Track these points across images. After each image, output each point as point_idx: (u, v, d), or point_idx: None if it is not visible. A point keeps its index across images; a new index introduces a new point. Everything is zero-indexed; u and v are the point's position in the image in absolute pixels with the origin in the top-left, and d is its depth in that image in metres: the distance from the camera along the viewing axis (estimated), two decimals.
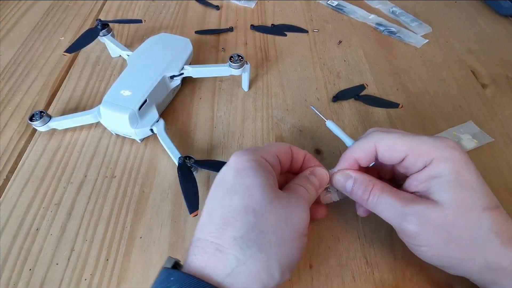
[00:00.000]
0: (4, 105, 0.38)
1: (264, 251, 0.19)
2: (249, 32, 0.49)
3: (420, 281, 0.26)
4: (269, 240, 0.20)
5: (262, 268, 0.19)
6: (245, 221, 0.19)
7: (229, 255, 0.19)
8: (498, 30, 0.51)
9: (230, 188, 0.21)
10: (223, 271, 0.19)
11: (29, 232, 0.28)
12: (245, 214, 0.20)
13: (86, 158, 0.34)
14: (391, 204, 0.23)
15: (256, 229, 0.19)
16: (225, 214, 0.20)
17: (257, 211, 0.20)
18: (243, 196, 0.20)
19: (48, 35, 0.47)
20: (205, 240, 0.20)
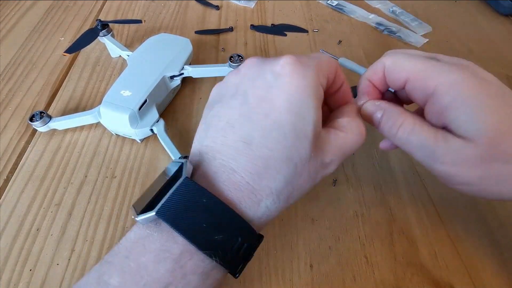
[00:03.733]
0: (4, 106, 0.38)
1: (287, 203, 0.20)
2: (249, 32, 0.49)
3: (420, 281, 0.26)
4: (294, 195, 0.20)
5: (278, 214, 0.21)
6: (285, 175, 0.19)
7: (262, 202, 0.19)
8: (498, 29, 0.51)
9: (277, 124, 0.18)
10: (253, 213, 0.19)
11: (30, 233, 0.28)
12: (287, 167, 0.19)
13: (86, 158, 0.34)
14: (422, 143, 0.20)
15: (290, 184, 0.19)
16: (267, 157, 0.18)
17: (297, 167, 0.19)
18: (290, 144, 0.18)
19: (48, 35, 0.47)
20: (241, 177, 0.19)
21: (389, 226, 0.29)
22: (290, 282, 0.26)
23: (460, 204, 0.31)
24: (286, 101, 0.18)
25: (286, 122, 0.18)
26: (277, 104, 0.18)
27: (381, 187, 0.32)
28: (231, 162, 0.19)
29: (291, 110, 0.18)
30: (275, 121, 0.18)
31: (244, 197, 0.19)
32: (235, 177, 0.19)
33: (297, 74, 0.19)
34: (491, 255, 0.28)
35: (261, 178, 0.19)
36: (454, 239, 0.29)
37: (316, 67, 0.19)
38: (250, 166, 0.18)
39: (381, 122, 0.22)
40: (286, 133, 0.18)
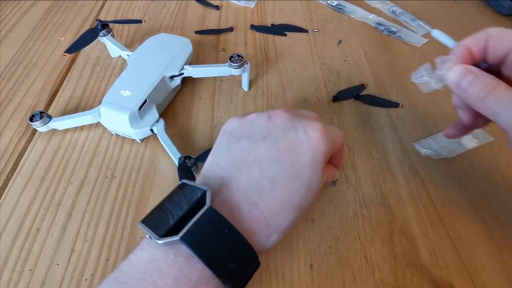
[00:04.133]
0: (4, 106, 0.38)
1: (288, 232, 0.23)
2: (249, 32, 0.49)
3: (420, 281, 0.26)
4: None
5: None
6: (293, 217, 0.22)
7: (272, 236, 0.21)
8: None
9: (300, 175, 0.21)
10: (263, 246, 0.21)
11: (30, 233, 0.28)
12: (297, 211, 0.22)
13: (86, 158, 0.34)
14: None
15: (293, 226, 0.22)
16: (285, 201, 0.21)
17: (302, 212, 0.22)
18: (303, 195, 0.22)
19: (48, 35, 0.47)
20: (260, 212, 0.21)
21: (389, 226, 0.29)
22: (290, 282, 0.26)
23: (460, 204, 0.31)
24: (310, 159, 0.22)
25: (306, 176, 0.22)
26: (303, 159, 0.22)
27: (381, 187, 0.32)
28: (254, 196, 0.21)
29: (312, 167, 0.22)
30: (299, 173, 0.21)
31: (260, 231, 0.21)
32: (256, 211, 0.21)
33: (323, 142, 0.22)
34: (491, 255, 0.28)
35: (277, 217, 0.21)
36: (454, 239, 0.29)
37: (333, 140, 0.23)
38: (271, 204, 0.21)
39: (471, 85, 0.22)
40: (305, 185, 0.21)
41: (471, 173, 0.33)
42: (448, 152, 0.34)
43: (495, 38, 0.22)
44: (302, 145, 0.22)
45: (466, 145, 0.35)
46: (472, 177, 0.33)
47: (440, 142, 0.35)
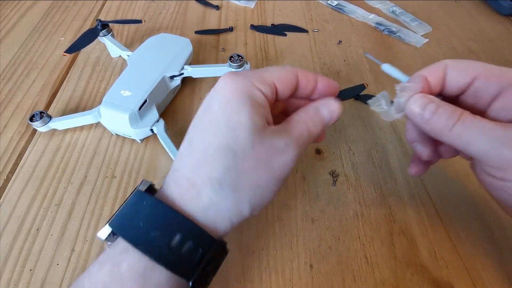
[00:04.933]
0: (5, 106, 0.38)
1: (236, 193, 0.20)
2: (249, 32, 0.49)
3: (420, 281, 0.26)
4: (243, 184, 0.20)
5: (233, 208, 0.20)
6: (223, 163, 0.19)
7: (203, 193, 0.19)
8: (498, 29, 0.51)
9: (213, 122, 0.20)
10: (195, 207, 0.19)
11: (30, 233, 0.28)
12: (225, 154, 0.19)
13: (86, 158, 0.34)
14: (489, 127, 0.19)
15: (232, 172, 0.19)
16: (204, 150, 0.20)
17: (237, 153, 0.19)
18: (226, 134, 0.19)
19: (48, 35, 0.47)
20: (182, 173, 0.20)
21: (389, 226, 0.29)
22: (290, 282, 0.26)
23: (460, 204, 0.31)
24: (220, 102, 0.20)
25: (220, 118, 0.20)
26: (213, 107, 0.20)
27: (381, 187, 0.32)
28: (176, 164, 0.21)
29: (225, 108, 0.20)
30: (211, 119, 0.20)
31: (185, 192, 0.20)
32: (177, 174, 0.20)
33: (229, 82, 0.20)
34: (491, 255, 0.28)
35: (198, 169, 0.20)
36: (454, 239, 0.29)
37: (253, 77, 0.21)
38: (189, 161, 0.20)
39: (436, 115, 0.20)
40: (221, 126, 0.20)
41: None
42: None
43: (455, 69, 0.22)
44: (211, 99, 0.21)
45: None
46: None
47: None
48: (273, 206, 0.30)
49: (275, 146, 0.20)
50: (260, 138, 0.20)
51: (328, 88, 0.24)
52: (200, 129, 0.21)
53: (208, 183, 0.19)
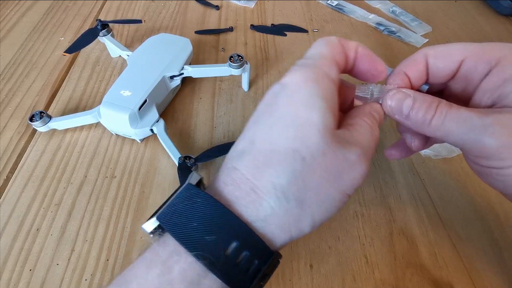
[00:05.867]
0: (4, 106, 0.38)
1: (300, 207, 0.17)
2: (249, 32, 0.49)
3: (420, 281, 0.26)
4: (309, 196, 0.17)
5: (295, 222, 0.17)
6: (290, 169, 0.17)
7: (264, 201, 0.17)
8: (498, 29, 0.51)
9: (281, 118, 0.17)
10: (254, 214, 0.17)
11: (30, 233, 0.28)
12: (292, 160, 0.17)
13: (86, 158, 0.34)
14: (465, 117, 0.18)
15: (299, 181, 0.17)
16: (269, 151, 0.17)
17: (306, 160, 0.17)
18: (294, 135, 0.17)
19: (48, 35, 0.47)
20: (241, 174, 0.17)
21: (389, 226, 0.29)
22: (290, 282, 0.26)
23: (460, 204, 0.31)
24: (287, 95, 0.18)
25: (287, 114, 0.17)
26: (280, 101, 0.18)
27: (381, 187, 0.32)
28: (234, 162, 0.18)
29: (293, 101, 0.17)
30: (278, 116, 0.17)
31: (244, 196, 0.17)
32: (235, 174, 0.18)
33: (298, 70, 0.18)
34: (491, 255, 0.28)
35: (262, 173, 0.17)
36: (454, 239, 0.29)
37: (318, 62, 0.19)
38: (251, 162, 0.17)
39: (413, 110, 0.20)
40: (288, 124, 0.17)
41: (471, 173, 0.33)
42: (447, 152, 0.34)
43: (436, 57, 0.21)
44: (278, 95, 0.18)
45: None
46: (472, 177, 0.33)
47: None
48: None
49: (348, 158, 0.17)
50: (333, 143, 0.17)
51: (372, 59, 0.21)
52: (264, 126, 0.18)
53: (271, 191, 0.17)
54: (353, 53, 0.21)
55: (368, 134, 0.19)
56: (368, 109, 0.21)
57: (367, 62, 0.21)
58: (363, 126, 0.19)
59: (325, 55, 0.19)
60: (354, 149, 0.18)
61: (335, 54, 0.19)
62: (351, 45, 0.21)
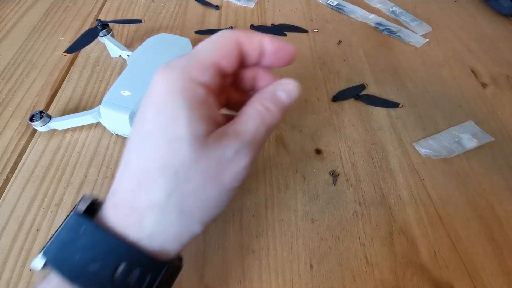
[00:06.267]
0: (4, 106, 0.38)
1: (183, 216, 0.17)
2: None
3: (420, 281, 0.26)
4: (190, 205, 0.17)
5: (181, 230, 0.18)
6: (165, 185, 0.17)
7: (145, 219, 0.17)
8: (498, 29, 0.51)
9: (148, 135, 0.17)
10: (138, 233, 0.17)
11: (29, 233, 0.28)
12: (165, 175, 0.17)
13: (86, 158, 0.34)
14: None
15: (177, 194, 0.17)
16: (141, 170, 0.17)
17: (178, 172, 0.16)
18: (163, 151, 0.17)
19: (48, 35, 0.47)
20: (121, 196, 0.18)
21: (389, 226, 0.29)
22: (290, 282, 0.26)
23: (460, 204, 0.31)
24: (153, 109, 0.17)
25: (155, 130, 0.17)
26: (147, 116, 0.17)
27: (381, 187, 0.32)
28: (115, 185, 0.18)
29: (159, 116, 0.17)
30: (146, 132, 0.17)
31: (126, 218, 0.17)
32: (116, 197, 0.18)
33: (162, 81, 0.17)
34: (491, 255, 0.28)
35: (139, 193, 0.17)
36: (454, 239, 0.29)
37: (189, 65, 0.18)
38: (128, 183, 0.17)
39: None
40: (157, 140, 0.17)
41: (471, 173, 0.33)
42: (448, 152, 0.34)
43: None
44: (145, 104, 0.18)
45: (466, 145, 0.35)
46: (472, 177, 0.33)
47: (440, 142, 0.35)
48: (273, 206, 0.30)
49: (224, 156, 0.17)
50: (204, 149, 0.17)
51: (280, 51, 0.20)
52: (136, 145, 0.18)
53: (151, 209, 0.17)
54: (255, 51, 0.20)
55: (253, 123, 0.18)
56: (269, 91, 0.20)
57: (276, 53, 0.20)
58: (249, 114, 0.19)
59: (203, 56, 0.18)
60: (232, 144, 0.17)
61: (219, 54, 0.18)
62: (253, 41, 0.19)
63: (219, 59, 0.18)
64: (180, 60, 0.18)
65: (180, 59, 0.18)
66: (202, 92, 0.17)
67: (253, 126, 0.18)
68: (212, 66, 0.18)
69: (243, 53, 0.19)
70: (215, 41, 0.19)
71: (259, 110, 0.19)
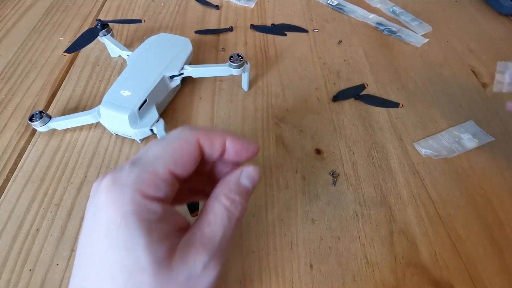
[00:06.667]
0: (4, 105, 0.38)
1: None
2: (249, 32, 0.49)
3: (420, 281, 0.26)
4: None
5: None
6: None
7: None
8: (498, 29, 0.51)
9: (103, 264, 0.15)
10: None
11: (29, 233, 0.28)
12: None
13: (86, 158, 0.34)
14: None
15: None
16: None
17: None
18: (122, 283, 0.15)
19: (48, 35, 0.47)
20: None
21: (389, 226, 0.29)
22: (290, 282, 0.26)
23: (460, 204, 0.31)
24: (105, 238, 0.15)
25: (110, 261, 0.15)
26: (99, 244, 0.15)
27: (381, 187, 0.32)
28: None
29: (113, 246, 0.15)
30: (100, 263, 0.15)
31: None
32: None
33: (112, 202, 0.15)
34: (491, 255, 0.28)
35: None
36: (454, 239, 0.29)
37: (141, 180, 0.16)
38: None
39: None
40: (114, 273, 0.15)
41: (471, 173, 0.33)
42: (448, 152, 0.34)
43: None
44: (93, 223, 0.16)
45: (466, 145, 0.35)
46: (472, 177, 0.33)
47: (440, 142, 0.35)
48: (273, 206, 0.30)
49: (192, 274, 0.16)
50: (170, 273, 0.15)
51: (242, 150, 0.19)
52: (90, 273, 0.16)
53: None
54: (217, 152, 0.19)
55: (220, 223, 0.17)
56: (233, 181, 0.19)
57: (237, 151, 0.19)
58: (215, 213, 0.17)
59: (157, 166, 0.16)
60: (200, 258, 0.16)
61: (177, 162, 0.17)
62: (215, 144, 0.18)
63: (176, 168, 0.17)
64: (129, 173, 0.16)
65: (130, 171, 0.16)
66: (158, 209, 0.16)
67: (220, 228, 0.17)
68: (168, 177, 0.16)
69: (203, 155, 0.18)
70: (172, 145, 0.17)
71: (225, 205, 0.18)
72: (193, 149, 0.17)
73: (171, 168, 0.17)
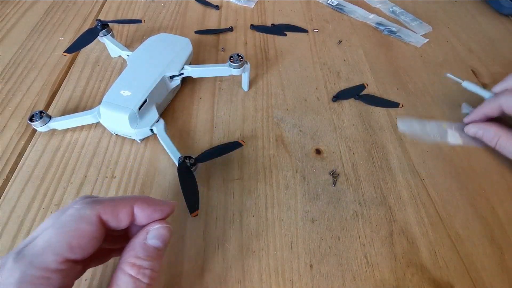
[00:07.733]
0: (4, 106, 0.38)
1: None
2: (249, 32, 0.49)
3: (420, 281, 0.26)
4: None
5: None
6: None
7: None
8: (498, 29, 0.51)
9: None
10: None
11: (29, 233, 0.28)
12: None
13: (86, 158, 0.34)
14: None
15: None
16: None
17: None
18: None
19: (48, 35, 0.47)
20: None
21: (389, 226, 0.29)
22: (290, 282, 0.26)
23: (460, 204, 0.31)
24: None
25: None
26: None
27: (381, 187, 0.32)
28: None
29: None
30: None
31: None
32: None
33: None
34: (492, 255, 0.28)
35: None
36: (454, 239, 0.29)
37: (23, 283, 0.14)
38: None
39: (483, 137, 0.34)
40: None
41: (471, 173, 0.33)
42: (425, 138, 0.36)
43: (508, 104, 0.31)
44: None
45: (449, 140, 0.36)
46: (472, 177, 0.33)
47: (423, 128, 0.36)
48: (273, 206, 0.30)
49: None
50: None
51: (155, 213, 0.18)
52: None
53: None
54: (124, 223, 0.17)
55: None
56: (139, 244, 0.17)
57: (149, 215, 0.18)
58: (119, 286, 0.16)
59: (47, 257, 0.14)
60: None
61: (72, 247, 0.15)
62: (121, 217, 0.17)
63: (73, 254, 0.15)
64: (12, 271, 0.14)
65: (13, 269, 0.14)
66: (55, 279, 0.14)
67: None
68: (62, 266, 0.15)
69: (109, 228, 0.17)
70: (67, 229, 0.15)
71: (131, 275, 0.16)
72: (93, 229, 0.16)
73: (66, 256, 0.15)
